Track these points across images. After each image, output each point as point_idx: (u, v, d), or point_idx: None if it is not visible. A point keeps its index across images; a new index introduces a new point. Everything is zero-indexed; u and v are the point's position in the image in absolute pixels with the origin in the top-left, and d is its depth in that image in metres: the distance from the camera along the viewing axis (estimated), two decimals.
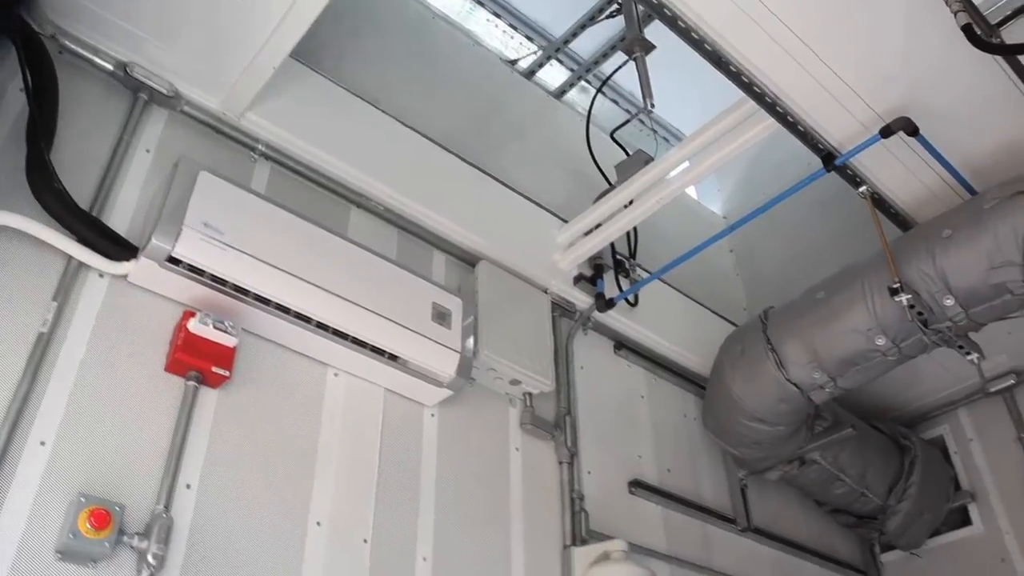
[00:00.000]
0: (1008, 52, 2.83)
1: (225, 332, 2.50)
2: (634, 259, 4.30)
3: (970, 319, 3.20)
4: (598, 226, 3.88)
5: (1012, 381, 4.61)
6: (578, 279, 3.96)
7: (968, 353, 3.39)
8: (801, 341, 3.53)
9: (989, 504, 4.59)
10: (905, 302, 3.15)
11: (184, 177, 2.61)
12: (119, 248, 2.50)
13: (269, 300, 2.66)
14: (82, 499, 2.13)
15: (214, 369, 2.49)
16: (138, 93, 2.85)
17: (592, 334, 4.02)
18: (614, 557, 3.11)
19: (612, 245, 4.10)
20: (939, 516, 4.57)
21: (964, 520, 4.67)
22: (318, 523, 2.60)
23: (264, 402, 2.69)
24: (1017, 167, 3.15)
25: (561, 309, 3.87)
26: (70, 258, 2.43)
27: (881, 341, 3.33)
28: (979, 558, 4.53)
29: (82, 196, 2.52)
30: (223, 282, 2.57)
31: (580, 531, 3.32)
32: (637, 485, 3.75)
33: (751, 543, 4.16)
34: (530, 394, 3.46)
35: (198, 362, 2.48)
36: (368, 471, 2.83)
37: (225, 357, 2.52)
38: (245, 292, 2.61)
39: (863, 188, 3.36)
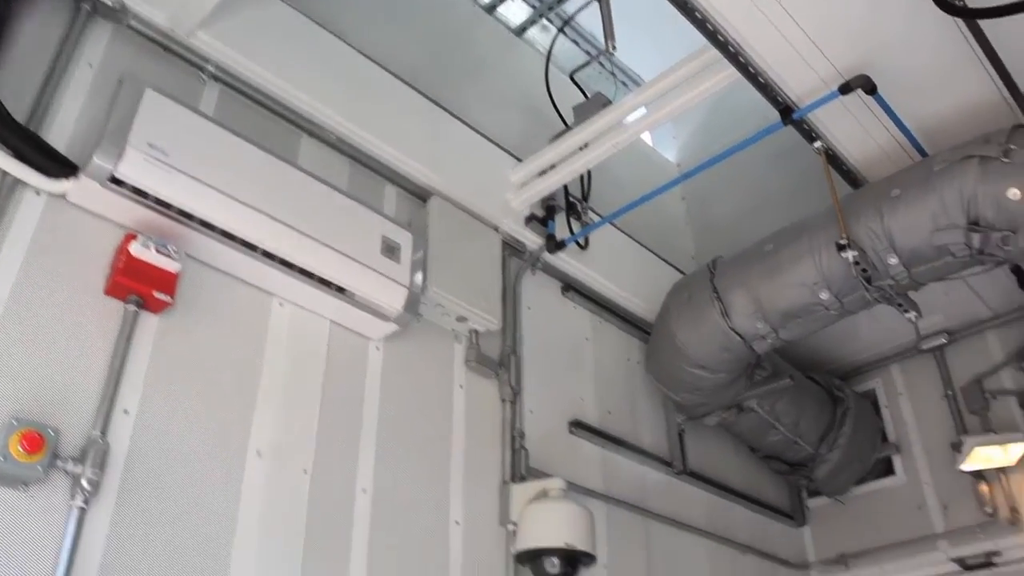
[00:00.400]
0: (970, 16, 2.83)
1: (168, 257, 2.44)
2: (586, 202, 4.29)
3: (912, 278, 3.27)
4: (552, 167, 3.86)
5: (944, 340, 4.76)
6: (529, 219, 3.94)
7: (907, 311, 3.46)
8: (747, 291, 3.58)
9: (912, 456, 4.77)
10: (851, 258, 3.20)
11: (129, 95, 2.51)
12: (58, 165, 2.40)
13: (214, 226, 2.59)
14: (14, 422, 2.08)
15: (156, 294, 2.43)
16: (81, 3, 2.71)
17: (541, 275, 4.02)
18: (552, 495, 3.16)
19: (565, 187, 4.08)
20: (866, 466, 4.74)
21: (888, 470, 4.86)
22: (258, 452, 2.59)
23: (207, 329, 2.64)
24: (969, 132, 3.19)
25: (511, 248, 3.85)
26: (4, 174, 2.33)
27: (825, 295, 3.39)
28: (898, 506, 4.72)
29: (18, 110, 2.40)
30: (167, 205, 2.50)
31: (520, 468, 3.36)
32: (578, 426, 3.80)
33: (685, 486, 4.27)
34: (476, 332, 3.46)
35: (139, 286, 2.41)
36: (311, 402, 2.82)
37: (167, 282, 2.46)
38: (190, 216, 2.54)
39: (818, 143, 3.38)
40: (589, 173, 4.22)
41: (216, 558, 2.37)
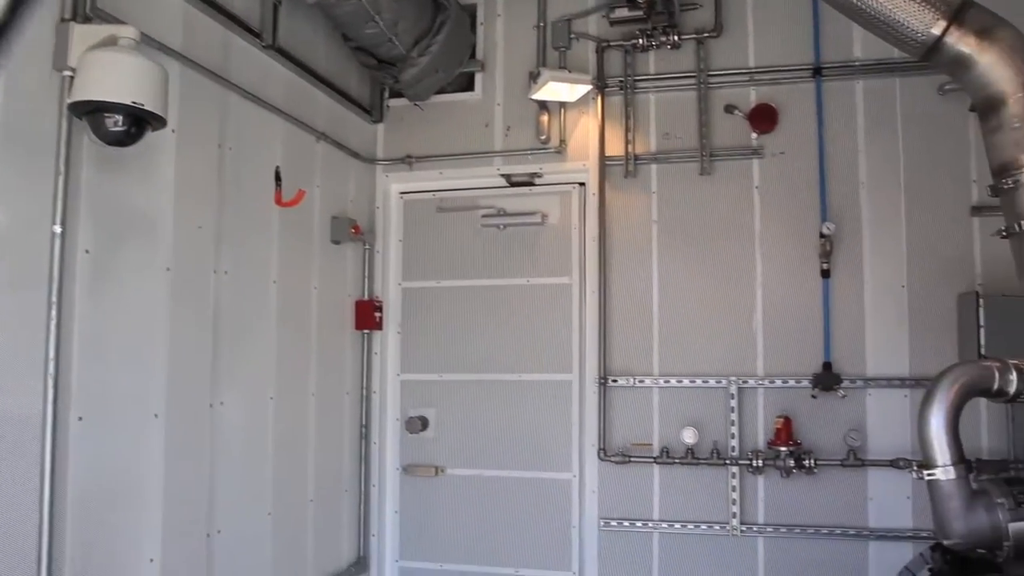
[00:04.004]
0: None
1: None
2: None
3: None
4: None
5: None
6: None
7: None
8: None
9: (493, 77, 5.00)
10: None
11: None
12: None
13: None
14: None
15: None
16: None
17: None
18: (122, 44, 2.74)
19: None
20: (450, 77, 4.87)
21: (468, 86, 5.06)
22: None
23: None
24: None
25: None
26: None
27: None
28: (469, 120, 5.02)
29: None
30: None
31: (84, 6, 2.83)
32: None
33: (269, 60, 4.01)
34: None
35: None
36: None
37: None
38: None
39: None
40: None
41: None
